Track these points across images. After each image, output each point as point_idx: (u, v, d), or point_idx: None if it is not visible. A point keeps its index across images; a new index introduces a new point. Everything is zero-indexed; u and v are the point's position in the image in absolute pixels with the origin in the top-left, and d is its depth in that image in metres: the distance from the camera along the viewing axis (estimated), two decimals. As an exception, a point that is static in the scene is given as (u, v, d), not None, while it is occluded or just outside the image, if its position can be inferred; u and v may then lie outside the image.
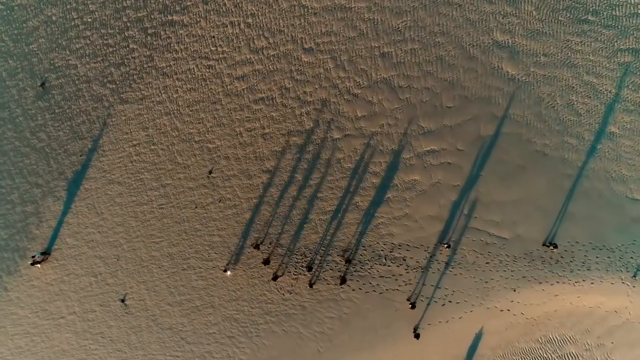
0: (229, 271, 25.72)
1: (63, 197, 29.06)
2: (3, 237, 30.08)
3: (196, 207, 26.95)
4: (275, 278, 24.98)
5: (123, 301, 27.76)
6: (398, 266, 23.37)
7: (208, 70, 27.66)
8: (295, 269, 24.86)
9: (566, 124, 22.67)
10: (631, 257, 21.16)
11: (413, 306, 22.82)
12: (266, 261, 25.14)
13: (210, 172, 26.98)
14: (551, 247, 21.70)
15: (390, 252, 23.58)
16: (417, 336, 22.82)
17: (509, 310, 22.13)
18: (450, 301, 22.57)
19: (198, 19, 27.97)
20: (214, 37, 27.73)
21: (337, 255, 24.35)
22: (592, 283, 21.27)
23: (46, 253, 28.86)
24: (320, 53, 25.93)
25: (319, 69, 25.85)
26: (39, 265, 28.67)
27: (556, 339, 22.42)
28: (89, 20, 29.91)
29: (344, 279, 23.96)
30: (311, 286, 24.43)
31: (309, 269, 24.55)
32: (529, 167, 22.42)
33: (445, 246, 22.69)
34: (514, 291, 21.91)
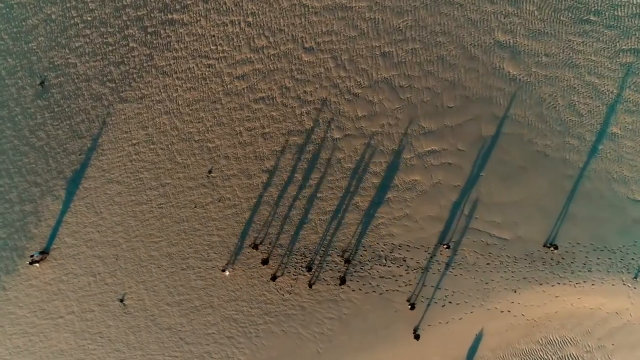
0: (227, 271, 25.61)
1: (62, 196, 28.95)
2: (1, 236, 29.95)
3: (195, 207, 26.84)
4: (274, 278, 24.87)
5: (122, 301, 27.66)
6: (398, 267, 23.28)
7: (208, 69, 27.55)
8: (295, 269, 24.76)
9: (568, 124, 22.58)
10: (632, 259, 21.08)
11: (412, 307, 22.72)
12: (265, 261, 25.03)
13: (210, 172, 26.87)
14: (552, 248, 21.61)
15: (390, 252, 23.49)
16: (417, 337, 22.74)
17: (509, 311, 22.05)
18: (450, 302, 22.49)
19: (198, 18, 27.86)
20: (214, 36, 27.62)
21: (336, 255, 24.25)
22: (593, 284, 21.19)
23: (45, 252, 28.74)
24: (321, 52, 25.82)
25: (319, 69, 25.75)
26: (37, 265, 28.54)
27: (557, 341, 22.35)
28: (89, 18, 29.78)
29: (343, 279, 23.86)
30: (310, 286, 24.34)
31: (309, 269, 24.45)
32: (530, 167, 22.32)
33: (445, 247, 22.59)
34: (515, 292, 21.82)
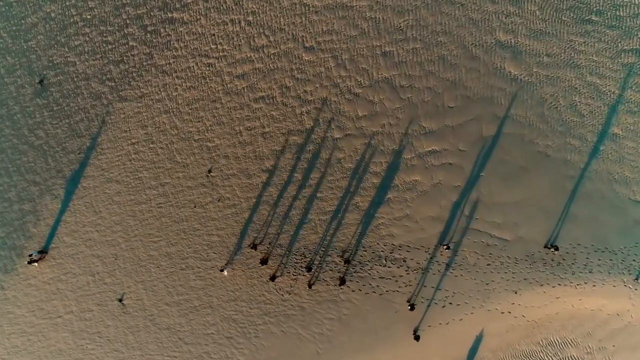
0: (225, 271, 25.50)
1: (61, 195, 28.85)
2: (0, 235, 29.86)
3: (195, 206, 26.74)
4: (273, 278, 24.77)
5: (121, 301, 27.57)
6: (398, 267, 23.19)
7: (208, 69, 27.44)
8: (295, 269, 24.66)
9: (569, 125, 22.48)
10: (633, 260, 20.98)
11: (412, 308, 22.62)
12: (263, 261, 24.93)
13: (210, 171, 26.77)
14: (552, 249, 21.51)
15: (390, 253, 23.39)
16: (417, 338, 22.63)
17: (509, 312, 21.95)
18: (450, 303, 22.39)
19: (198, 17, 27.75)
20: (214, 35, 27.51)
21: (336, 256, 24.15)
22: (594, 286, 21.09)
23: (43, 252, 28.66)
24: (321, 52, 25.72)
25: (319, 68, 25.64)
26: (36, 264, 28.45)
27: (557, 342, 22.26)
28: (88, 17, 29.68)
29: (343, 280, 23.76)
30: (310, 287, 24.24)
31: (308, 269, 24.35)
32: (531, 168, 22.22)
33: (445, 247, 22.49)
34: (515, 293, 21.73)
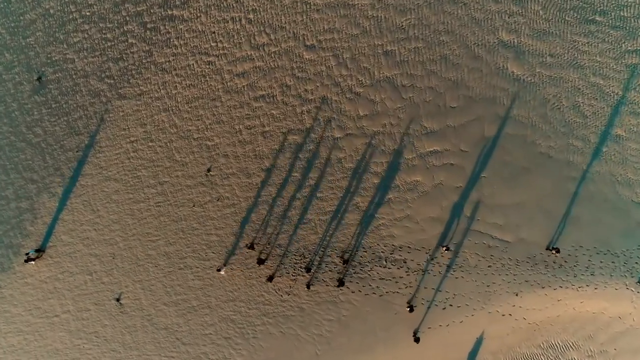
0: (222, 270, 25.29)
1: (58, 193, 28.64)
2: (-3, 233, 29.70)
3: (194, 206, 26.55)
4: (270, 279, 24.57)
5: (118, 300, 27.38)
6: (398, 268, 23.01)
7: (208, 67, 27.23)
8: (294, 270, 24.47)
9: (572, 126, 22.31)
10: (636, 263, 20.81)
11: (411, 309, 22.44)
12: (260, 261, 24.72)
13: (209, 170, 26.58)
14: (553, 252, 21.34)
15: (390, 254, 23.20)
16: (417, 340, 22.46)
17: (510, 314, 21.79)
18: (451, 305, 22.22)
19: (198, 14, 27.54)
20: (214, 32, 27.30)
21: (336, 256, 23.97)
22: (596, 288, 20.93)
23: (40, 250, 28.46)
24: (323, 50, 25.51)
25: (320, 67, 25.44)
26: (33, 263, 28.23)
27: (558, 345, 22.10)
28: (88, 13, 29.45)
29: (342, 281, 23.57)
30: (309, 287, 24.06)
31: (308, 270, 24.16)
32: (533, 169, 22.05)
33: (445, 249, 22.32)
34: (516, 295, 21.56)
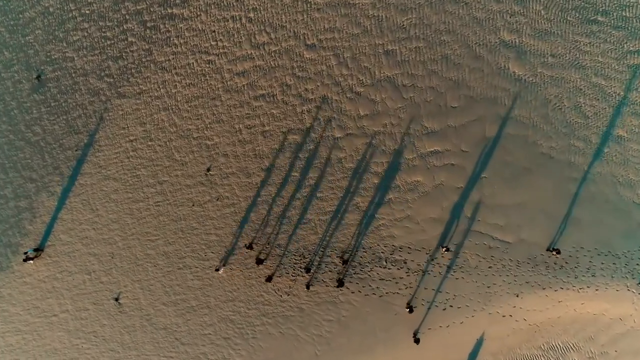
0: (221, 270, 25.19)
1: (57, 192, 28.53)
2: (-5, 232, 29.58)
3: (193, 205, 26.44)
4: (269, 279, 24.47)
5: (117, 300, 27.28)
6: (399, 269, 22.91)
7: (208, 66, 27.11)
8: (294, 270, 24.37)
9: (573, 126, 22.21)
10: (637, 264, 20.71)
11: (411, 310, 22.35)
12: (259, 261, 24.61)
13: (209, 170, 26.47)
14: (554, 253, 21.26)
15: (390, 254, 23.11)
16: (417, 341, 22.37)
17: (511, 316, 21.71)
18: (451, 306, 22.13)
19: (198, 13, 27.41)
20: (214, 31, 27.17)
21: (336, 256, 23.88)
22: (597, 290, 20.84)
23: (39, 249, 28.36)
24: (323, 50, 25.40)
25: (321, 66, 25.33)
26: (31, 262, 28.14)
27: (559, 346, 22.02)
28: (87, 12, 29.32)
29: (341, 282, 23.48)
30: (308, 288, 23.96)
31: (307, 270, 24.07)
32: (535, 169, 21.96)
33: (445, 249, 22.23)
34: (517, 297, 21.47)
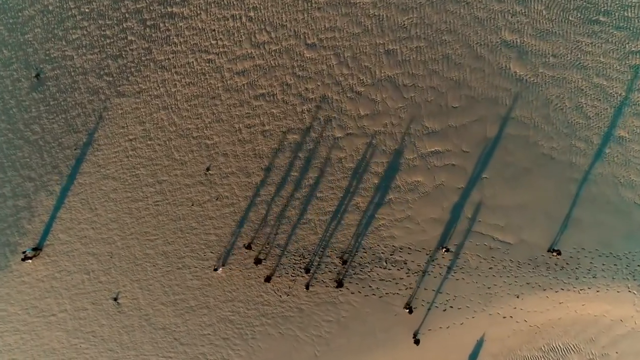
0: (220, 269, 25.08)
1: (56, 191, 28.41)
2: (-6, 231, 29.46)
3: (193, 205, 26.34)
4: (268, 279, 24.37)
5: (116, 300, 27.18)
6: (399, 270, 22.82)
7: (208, 65, 27.01)
8: (293, 270, 24.27)
9: (574, 127, 22.13)
10: (638, 265, 20.61)
11: (411, 311, 22.27)
12: (258, 261, 24.51)
13: (208, 169, 26.37)
14: (555, 254, 21.17)
15: (391, 255, 23.01)
16: (417, 342, 22.26)
17: (511, 317, 21.62)
18: (451, 306, 22.04)
19: (198, 12, 27.31)
20: (214, 30, 27.07)
21: (336, 257, 23.79)
22: (598, 291, 20.76)
23: (38, 249, 28.23)
24: (323, 49, 25.30)
25: (321, 66, 25.23)
26: (30, 261, 28.02)
27: (559, 348, 21.93)
28: (87, 10, 29.21)
29: (340, 282, 23.38)
30: (307, 288, 23.87)
31: (307, 270, 23.96)
32: (536, 170, 21.87)
33: (444, 250, 22.14)
34: (518, 298, 21.39)
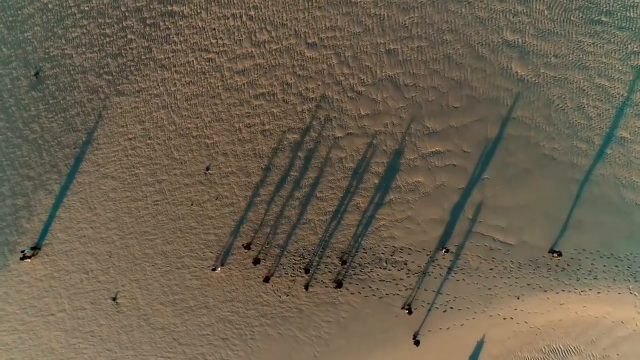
0: (219, 269, 24.95)
1: (55, 190, 28.27)
2: (-8, 230, 29.33)
3: (192, 204, 26.22)
4: (267, 279, 24.26)
5: (114, 299, 27.05)
6: (399, 270, 22.72)
7: (208, 64, 26.87)
8: (293, 270, 24.16)
9: (576, 127, 22.03)
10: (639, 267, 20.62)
11: (410, 312, 22.18)
12: (256, 261, 24.40)
13: (208, 169, 26.25)
14: (556, 255, 21.08)
15: (391, 255, 22.91)
16: (416, 343, 22.18)
17: (512, 318, 21.54)
18: (451, 307, 21.96)
19: (199, 10, 27.17)
20: (214, 29, 26.93)
21: (336, 257, 23.68)
22: (599, 292, 20.68)
23: (36, 248, 28.08)
24: (324, 48, 25.17)
25: (322, 65, 25.11)
26: (28, 260, 27.85)
27: (560, 349, 21.86)
28: (86, 8, 29.06)
29: (340, 282, 23.28)
30: (307, 289, 23.76)
31: (307, 271, 23.86)
32: (537, 171, 21.78)
33: (444, 251, 22.04)
34: (518, 299, 21.30)
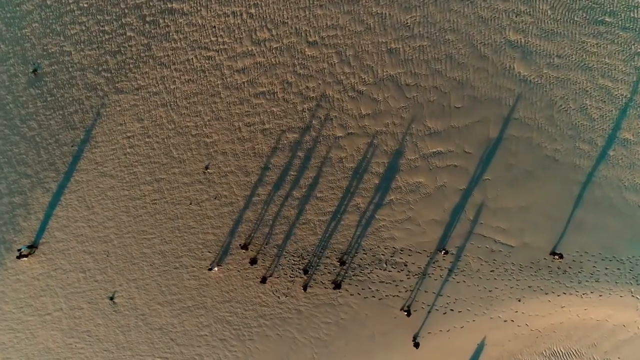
0: (216, 268, 24.74)
1: (52, 188, 28.06)
2: (-11, 228, 29.11)
3: (191, 204, 26.02)
4: (264, 280, 24.07)
5: (112, 299, 26.87)
6: (399, 271, 22.55)
7: (207, 62, 26.66)
8: (292, 271, 23.98)
9: (579, 128, 21.84)
10: (642, 270, 20.45)
11: (409, 313, 22.01)
12: (253, 261, 24.21)
13: (207, 168, 26.05)
14: (557, 257, 20.92)
15: (391, 256, 22.73)
16: (416, 345, 22.04)
17: (513, 320, 21.39)
18: (452, 310, 21.79)
19: (199, 8, 26.94)
20: (214, 27, 26.72)
21: (335, 258, 23.51)
22: (601, 295, 20.52)
23: (33, 246, 27.90)
24: (325, 47, 24.97)
25: (323, 64, 24.90)
26: (25, 259, 27.70)
27: (561, 353, 21.72)
28: (85, 5, 28.81)
29: (338, 284, 23.11)
30: (305, 290, 23.59)
31: (305, 271, 23.68)
32: (539, 172, 21.60)
33: (443, 253, 21.86)
34: (519, 301, 21.14)
